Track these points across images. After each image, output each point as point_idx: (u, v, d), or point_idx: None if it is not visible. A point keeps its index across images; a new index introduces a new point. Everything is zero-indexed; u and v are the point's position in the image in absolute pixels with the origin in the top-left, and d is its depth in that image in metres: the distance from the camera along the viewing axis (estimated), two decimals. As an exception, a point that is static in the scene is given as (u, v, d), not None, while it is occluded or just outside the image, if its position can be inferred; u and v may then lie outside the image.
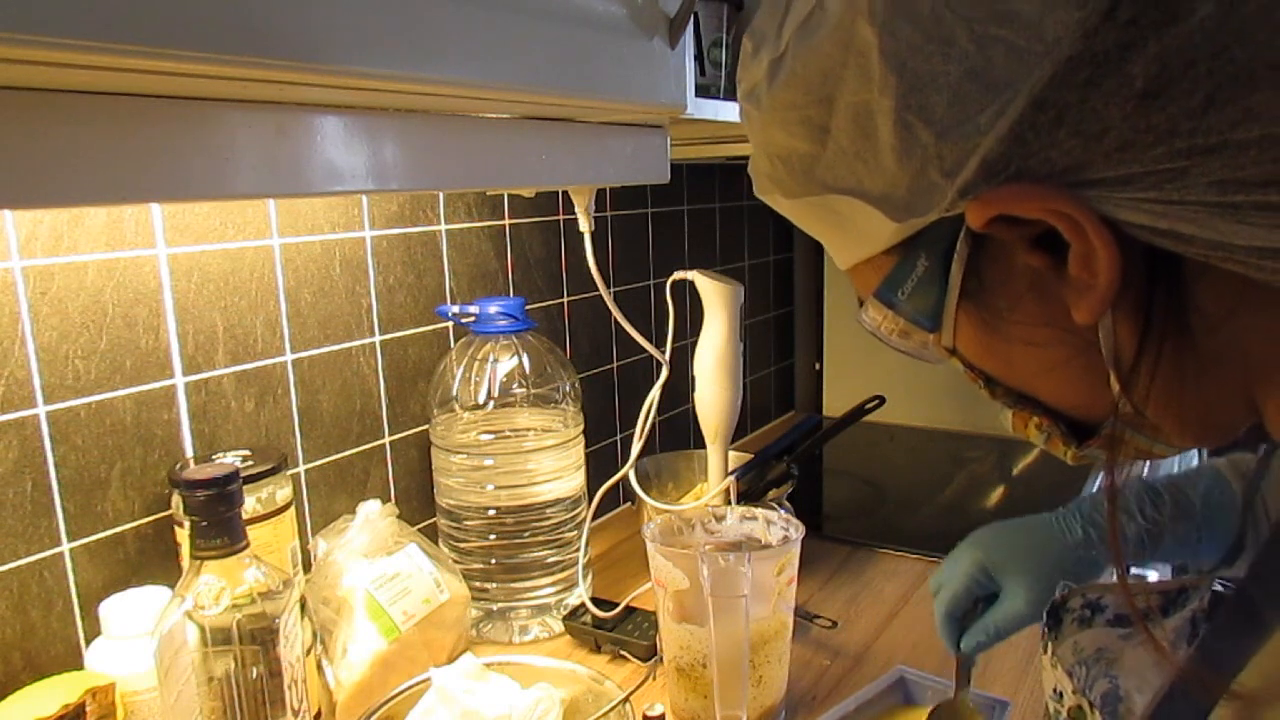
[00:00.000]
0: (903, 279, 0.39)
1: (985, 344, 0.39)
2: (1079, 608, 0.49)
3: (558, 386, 0.92)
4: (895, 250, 0.39)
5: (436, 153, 0.49)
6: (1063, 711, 0.44)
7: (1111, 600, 0.49)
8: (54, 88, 0.32)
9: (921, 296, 0.39)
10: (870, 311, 0.42)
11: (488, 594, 0.92)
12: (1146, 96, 0.29)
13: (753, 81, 0.40)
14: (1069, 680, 0.44)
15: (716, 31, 0.85)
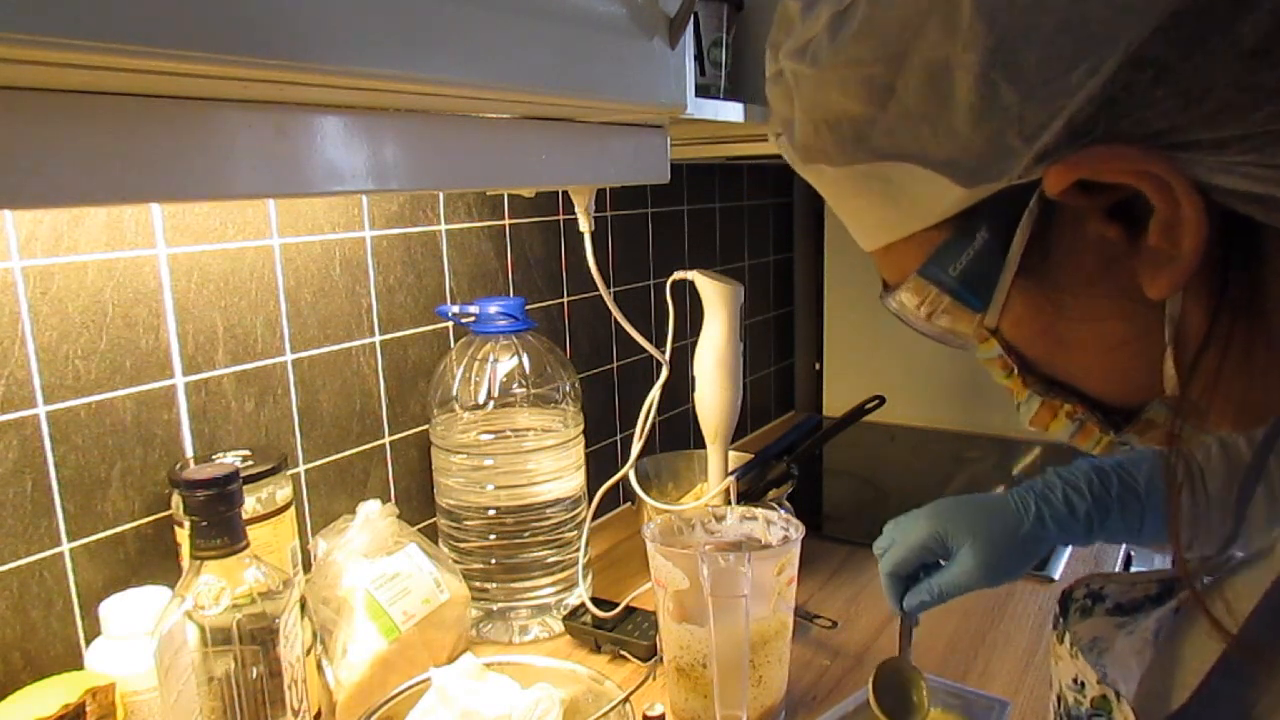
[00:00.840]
0: (957, 253, 0.37)
1: (1036, 322, 0.38)
2: (1082, 597, 0.48)
3: (558, 386, 0.92)
4: (950, 223, 0.37)
5: (436, 153, 0.49)
6: (1085, 703, 0.43)
7: (1113, 589, 0.48)
8: (54, 88, 0.32)
9: (975, 272, 0.37)
10: (905, 293, 0.40)
11: (488, 594, 0.92)
12: (1255, 55, 0.27)
13: (806, 38, 0.37)
14: (1092, 670, 0.43)
15: (716, 31, 0.85)
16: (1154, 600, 0.47)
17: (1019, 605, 0.97)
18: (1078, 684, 0.44)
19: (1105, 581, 0.48)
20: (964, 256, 0.37)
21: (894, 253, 0.40)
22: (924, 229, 0.38)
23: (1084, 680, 0.43)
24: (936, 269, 0.38)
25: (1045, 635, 0.91)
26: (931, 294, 0.39)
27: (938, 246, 0.38)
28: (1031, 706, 0.79)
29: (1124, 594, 0.48)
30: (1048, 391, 0.40)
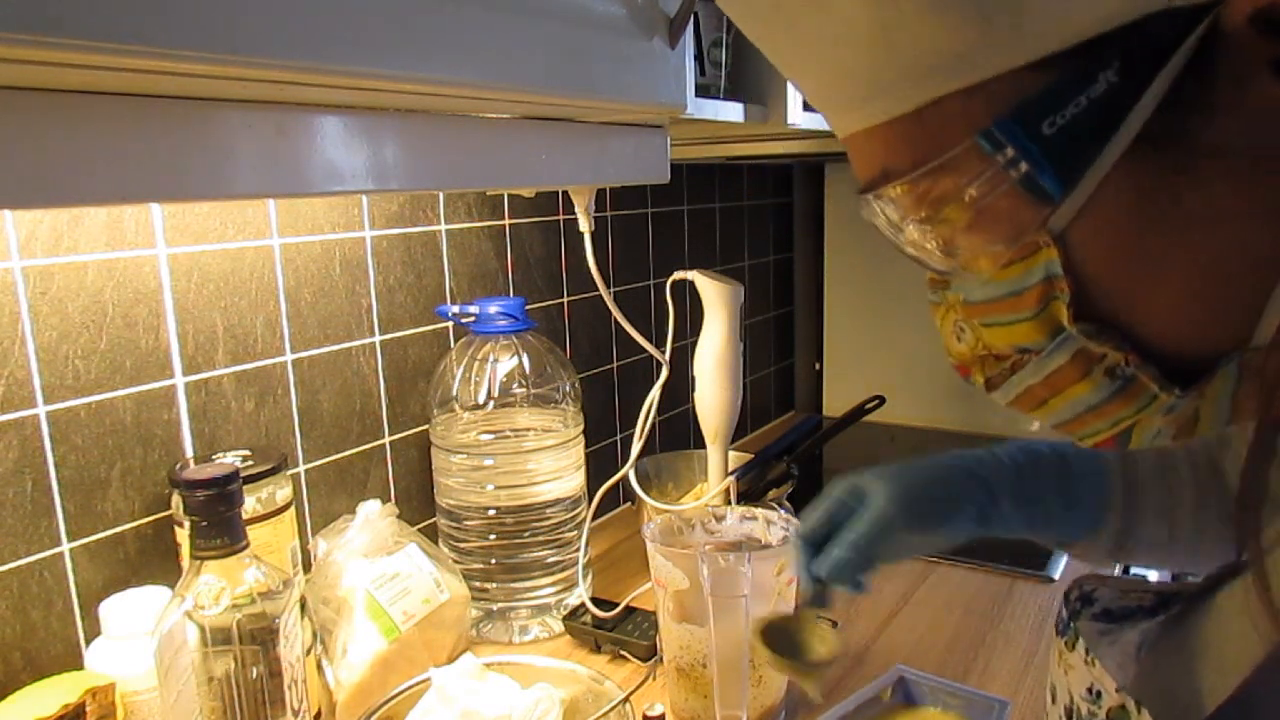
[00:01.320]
0: (1063, 102, 0.27)
1: (1132, 221, 0.29)
2: (1074, 599, 0.45)
3: (558, 386, 0.92)
4: (1064, 58, 0.27)
5: (436, 153, 0.49)
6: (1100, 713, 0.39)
7: (1105, 594, 0.45)
8: (54, 88, 0.32)
9: (1080, 132, 0.28)
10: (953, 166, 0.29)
11: (488, 594, 0.92)
12: None
13: None
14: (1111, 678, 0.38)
15: (716, 31, 0.85)
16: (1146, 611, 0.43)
17: (1019, 605, 0.97)
18: (1093, 693, 0.40)
19: (1099, 584, 0.45)
20: (1070, 108, 0.27)
21: (938, 112, 0.29)
22: (1019, 66, 0.28)
23: (1101, 689, 0.39)
24: (1017, 127, 0.28)
25: (1045, 636, 0.91)
26: (988, 171, 0.29)
27: (1031, 94, 0.28)
28: (1031, 707, 0.79)
29: (1115, 600, 0.44)
30: (1098, 335, 0.31)
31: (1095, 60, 0.27)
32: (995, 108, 0.28)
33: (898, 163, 0.31)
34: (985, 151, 0.29)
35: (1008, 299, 0.32)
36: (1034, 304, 0.31)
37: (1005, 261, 0.31)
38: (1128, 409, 0.32)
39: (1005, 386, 0.34)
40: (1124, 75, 0.27)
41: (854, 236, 1.72)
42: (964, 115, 0.29)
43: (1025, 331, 0.32)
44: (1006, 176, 0.29)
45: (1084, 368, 0.32)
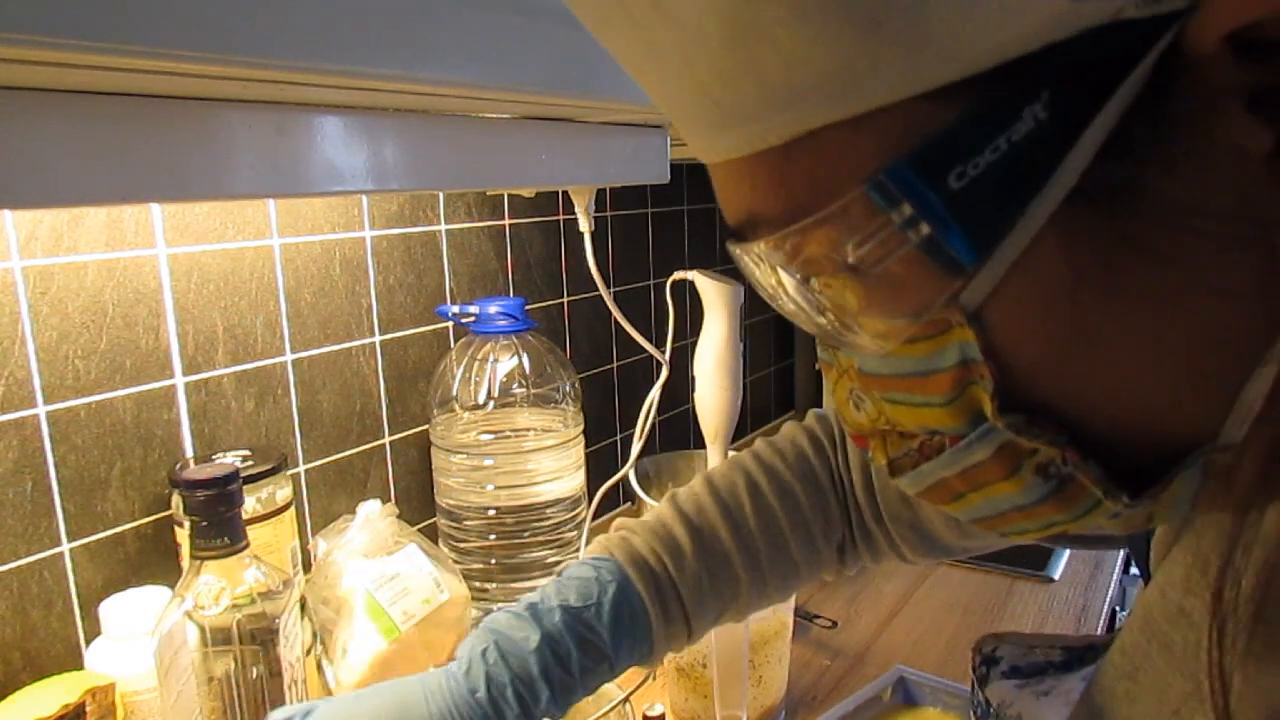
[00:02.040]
0: (976, 146, 0.21)
1: (1071, 296, 0.23)
2: (979, 665, 0.42)
3: (558, 386, 0.92)
4: (978, 87, 0.21)
5: (436, 153, 0.49)
6: None
7: (1008, 651, 0.42)
8: (54, 88, 0.32)
9: (998, 185, 0.21)
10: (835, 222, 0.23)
11: (488, 594, 0.92)
12: None
13: None
14: None
15: (716, 31, 0.85)
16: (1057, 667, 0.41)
17: (1019, 605, 0.97)
18: None
19: (997, 643, 0.42)
20: (985, 153, 0.21)
21: (814, 147, 0.23)
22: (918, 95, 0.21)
23: None
24: (916, 177, 0.21)
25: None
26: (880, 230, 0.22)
27: (935, 132, 0.21)
28: (1031, 706, 0.79)
29: (1021, 657, 0.41)
30: (1027, 428, 0.25)
31: (1018, 90, 0.21)
32: (888, 148, 0.22)
33: (766, 208, 0.25)
34: (875, 205, 0.22)
35: (914, 378, 0.26)
36: (948, 389, 0.25)
37: (909, 338, 0.25)
38: (1064, 514, 0.26)
39: (913, 474, 0.28)
40: (1055, 111, 0.21)
41: (854, 236, 1.73)
42: (847, 155, 0.22)
43: (937, 416, 0.26)
44: (904, 238, 0.22)
45: (1011, 464, 0.26)
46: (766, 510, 0.55)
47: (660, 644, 0.51)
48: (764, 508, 0.55)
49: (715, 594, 0.53)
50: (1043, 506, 0.26)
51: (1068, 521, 0.26)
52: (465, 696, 0.44)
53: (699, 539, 0.53)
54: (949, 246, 0.22)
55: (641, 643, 0.50)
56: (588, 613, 0.48)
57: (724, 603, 0.54)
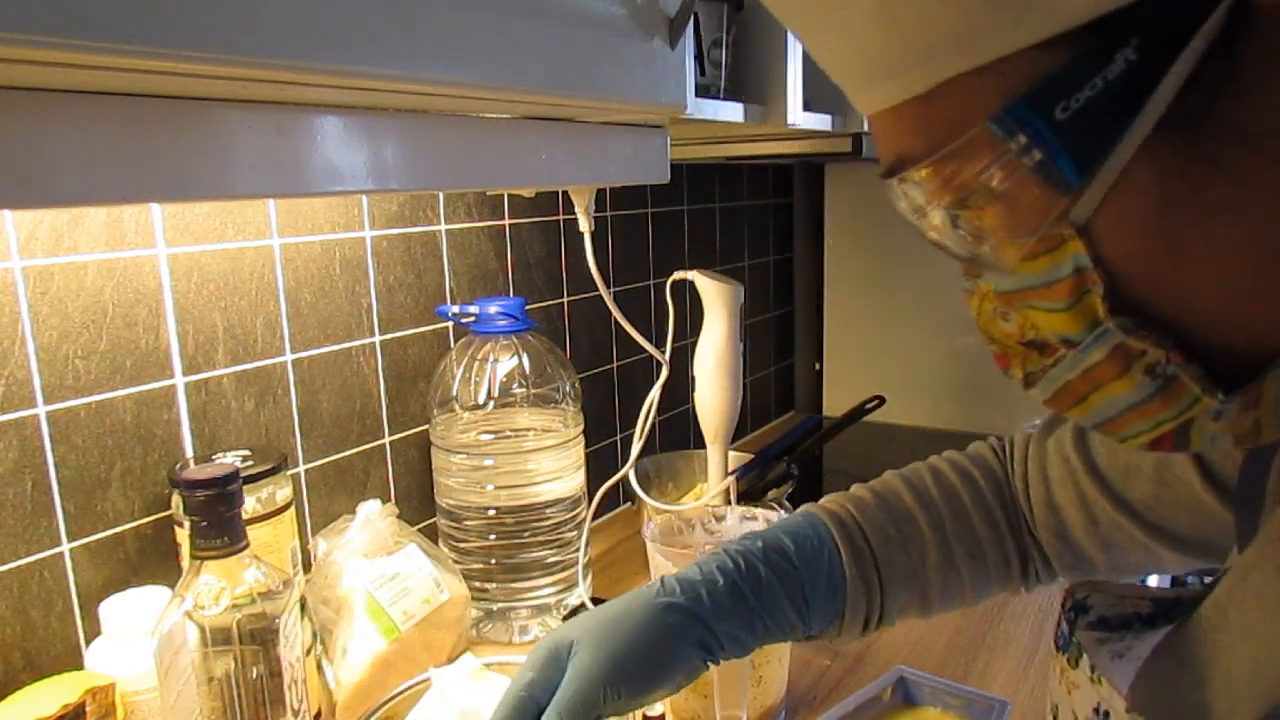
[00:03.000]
0: (1078, 84, 0.26)
1: (1163, 211, 0.27)
2: (1069, 609, 0.42)
3: (558, 386, 0.92)
4: (1078, 37, 0.26)
5: (436, 153, 0.49)
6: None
7: (1099, 601, 0.42)
8: (54, 88, 0.32)
9: (1098, 116, 0.26)
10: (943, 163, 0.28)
11: (488, 594, 0.92)
12: None
13: None
14: (1119, 698, 0.36)
15: (716, 31, 0.85)
16: (1144, 620, 0.41)
17: (1019, 605, 0.97)
18: (1100, 713, 0.37)
19: (1091, 590, 0.43)
20: (1085, 90, 0.26)
21: (948, 94, 0.28)
22: (1030, 46, 0.26)
23: (1109, 709, 0.37)
24: (1029, 111, 0.26)
25: (1045, 636, 0.91)
26: (1002, 157, 0.27)
27: (1044, 76, 0.26)
28: (1031, 706, 0.79)
29: (1110, 607, 0.42)
30: (1136, 329, 0.29)
31: (1112, 38, 0.25)
32: (1007, 90, 0.27)
33: (911, 147, 0.30)
34: (998, 137, 0.27)
35: (1039, 289, 0.30)
36: (1067, 295, 0.30)
37: (1030, 253, 0.30)
38: (1168, 410, 0.30)
39: (1043, 382, 0.33)
40: (1143, 54, 0.25)
41: (854, 236, 1.73)
42: (975, 99, 0.28)
43: (1063, 321, 0.31)
44: (1021, 164, 0.27)
45: (1123, 364, 0.30)
46: (948, 485, 0.59)
47: (854, 587, 0.54)
48: (945, 484, 0.59)
49: (902, 547, 0.56)
50: (1150, 404, 0.30)
51: (1173, 418, 0.30)
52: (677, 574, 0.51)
53: (881, 497, 0.57)
54: (1058, 168, 0.27)
55: (830, 590, 0.54)
56: (776, 537, 0.54)
57: (913, 561, 0.56)
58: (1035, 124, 0.27)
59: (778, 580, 0.52)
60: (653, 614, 0.49)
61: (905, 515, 0.57)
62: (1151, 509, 0.52)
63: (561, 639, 0.49)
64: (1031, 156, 0.27)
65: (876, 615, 0.57)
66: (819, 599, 0.54)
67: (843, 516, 0.57)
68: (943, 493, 0.59)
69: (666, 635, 0.49)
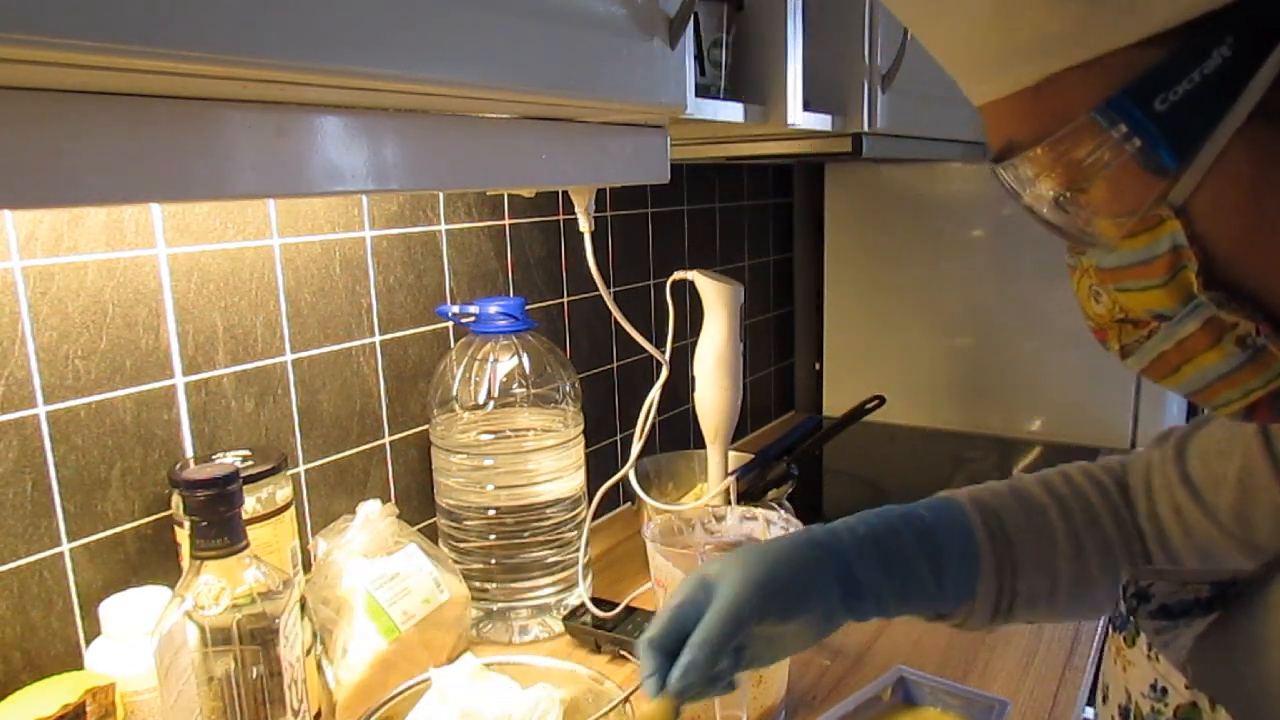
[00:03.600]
0: (1175, 78, 0.29)
1: (1254, 194, 0.30)
2: (1130, 595, 0.42)
3: (558, 386, 0.92)
4: (1175, 35, 0.28)
5: (436, 153, 0.49)
6: (1166, 711, 0.37)
7: (1161, 589, 0.42)
8: (54, 88, 0.32)
9: (1193, 108, 0.29)
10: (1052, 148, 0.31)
11: (488, 594, 0.92)
12: None
13: None
14: (1179, 674, 0.36)
15: (716, 31, 0.85)
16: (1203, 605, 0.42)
17: (1019, 605, 0.97)
18: (1157, 690, 0.38)
19: (1155, 579, 0.43)
20: (1183, 84, 0.28)
21: (1055, 87, 0.31)
22: (1130, 43, 0.29)
23: (1167, 685, 0.38)
24: (1130, 103, 0.29)
25: (1045, 636, 0.91)
26: (1104, 145, 0.30)
27: (1144, 70, 0.29)
28: (1031, 706, 0.79)
29: (1171, 595, 0.42)
30: (1228, 303, 0.32)
31: (1207, 36, 0.28)
32: (1110, 84, 0.30)
33: (1021, 135, 0.33)
34: (1101, 126, 0.30)
35: (1138, 266, 0.33)
36: (1164, 272, 0.32)
37: (1130, 231, 0.32)
38: (1258, 379, 0.33)
39: (1139, 353, 0.35)
40: (1237, 51, 0.28)
41: (854, 236, 1.73)
42: (1081, 91, 0.30)
43: (1157, 297, 0.33)
44: (1123, 150, 0.30)
45: (1215, 335, 0.32)
46: (1075, 486, 0.59)
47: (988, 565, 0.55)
48: (1074, 485, 0.59)
49: (1034, 534, 0.56)
50: (1241, 373, 0.33)
51: (1262, 386, 0.33)
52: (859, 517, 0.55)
53: (1013, 489, 0.59)
54: (1157, 155, 0.29)
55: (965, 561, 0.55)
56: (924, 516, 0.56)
57: (1044, 548, 0.56)
58: (1135, 114, 0.29)
59: (915, 541, 0.54)
60: (794, 546, 0.52)
61: (1037, 507, 0.58)
62: (1238, 518, 0.53)
63: (709, 571, 0.52)
64: (1132, 144, 0.30)
65: (1007, 600, 0.58)
66: (953, 571, 0.55)
67: (979, 500, 0.58)
68: (1071, 491, 0.60)
69: (808, 564, 0.51)
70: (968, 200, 1.59)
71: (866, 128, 1.01)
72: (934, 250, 1.63)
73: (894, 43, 1.00)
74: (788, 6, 0.86)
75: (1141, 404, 1.49)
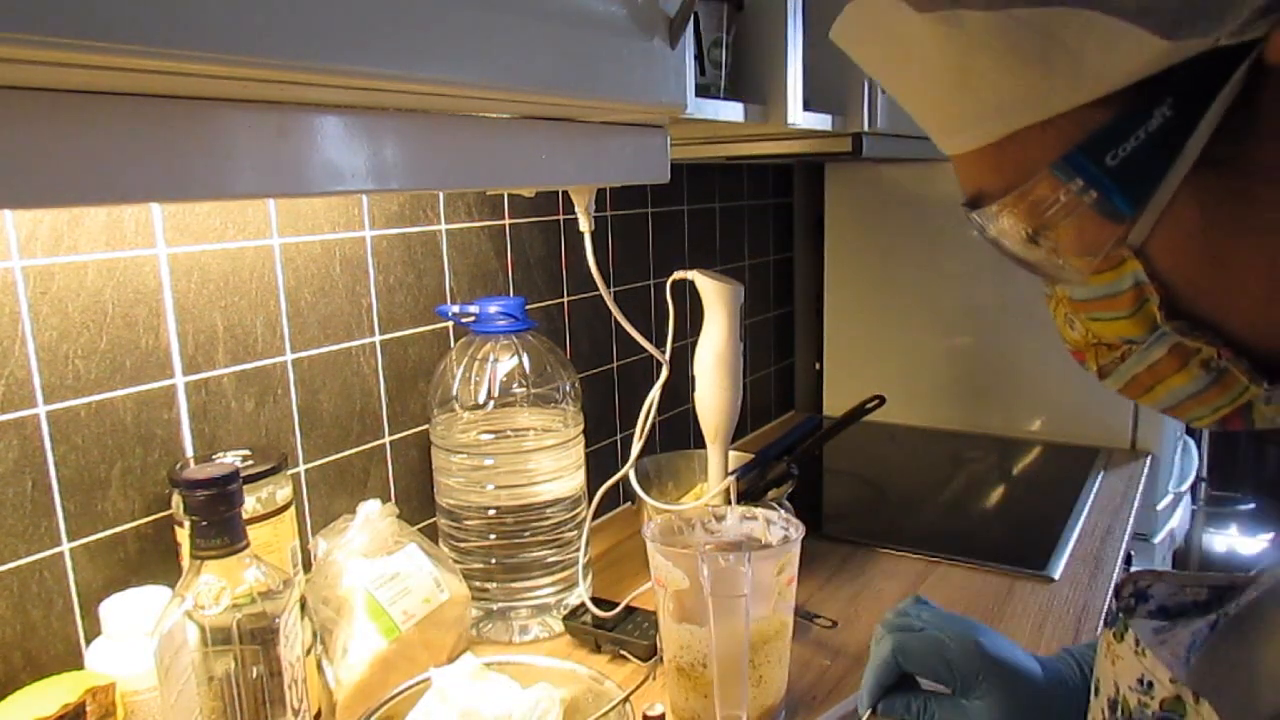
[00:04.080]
0: (1123, 136, 0.31)
1: (1199, 236, 0.32)
2: (1128, 595, 0.44)
3: (558, 386, 0.92)
4: (1121, 96, 0.31)
5: (436, 153, 0.49)
6: (1153, 704, 0.39)
7: (1160, 590, 0.43)
8: (54, 88, 0.32)
9: (1140, 162, 0.31)
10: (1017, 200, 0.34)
11: (488, 594, 0.92)
12: None
13: None
14: (1165, 668, 0.38)
15: (716, 31, 0.85)
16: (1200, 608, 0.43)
17: (1019, 605, 0.97)
18: (1143, 684, 0.40)
19: (1154, 580, 0.44)
20: (1130, 141, 0.31)
21: (1016, 144, 0.34)
22: (1081, 105, 0.32)
23: (1153, 680, 0.39)
24: (1084, 159, 0.32)
25: (1045, 636, 0.91)
26: (1064, 196, 0.33)
27: (1095, 129, 0.32)
28: (1031, 706, 0.79)
29: (1170, 596, 0.44)
30: (1190, 332, 0.35)
31: (1150, 98, 0.31)
32: (1065, 141, 0.32)
33: (989, 185, 0.36)
34: (1060, 180, 0.33)
35: (1105, 299, 0.36)
36: (1129, 305, 0.35)
37: (1096, 269, 0.35)
38: (1224, 397, 0.36)
39: (1115, 374, 0.38)
40: (1177, 110, 0.30)
41: (854, 236, 1.73)
42: (1039, 147, 0.33)
43: (1125, 327, 0.36)
44: (1081, 201, 0.33)
45: (1181, 360, 0.35)
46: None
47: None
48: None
49: None
50: (1208, 393, 0.36)
51: (1229, 404, 0.36)
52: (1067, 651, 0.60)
53: None
54: (1112, 203, 0.32)
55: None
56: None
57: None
58: (1089, 169, 0.32)
59: None
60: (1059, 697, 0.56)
61: None
62: None
63: (972, 663, 0.58)
64: (1089, 195, 0.33)
65: None
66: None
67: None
68: None
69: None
70: (968, 200, 1.58)
71: (866, 128, 1.01)
72: (934, 250, 1.63)
73: (894, 43, 1.00)
74: (788, 6, 0.86)
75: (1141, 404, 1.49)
